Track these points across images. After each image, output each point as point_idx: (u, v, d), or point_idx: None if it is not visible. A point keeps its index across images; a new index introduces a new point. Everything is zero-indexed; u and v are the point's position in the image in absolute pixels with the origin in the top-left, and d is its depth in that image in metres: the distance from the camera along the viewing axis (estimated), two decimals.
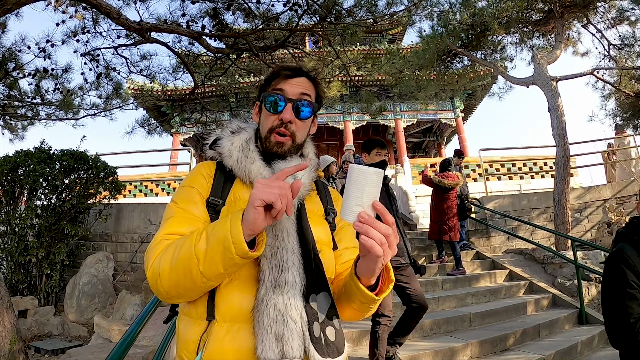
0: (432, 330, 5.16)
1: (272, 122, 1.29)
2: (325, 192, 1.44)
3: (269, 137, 1.29)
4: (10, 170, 6.96)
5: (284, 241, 1.14)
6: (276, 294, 1.08)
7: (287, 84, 1.30)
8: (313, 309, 1.11)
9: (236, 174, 1.27)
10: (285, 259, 1.12)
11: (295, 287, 1.10)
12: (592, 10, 9.53)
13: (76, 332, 6.51)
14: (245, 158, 1.27)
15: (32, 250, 6.89)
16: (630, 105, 11.87)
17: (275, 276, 1.10)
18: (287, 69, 1.33)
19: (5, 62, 7.36)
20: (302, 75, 1.34)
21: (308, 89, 1.33)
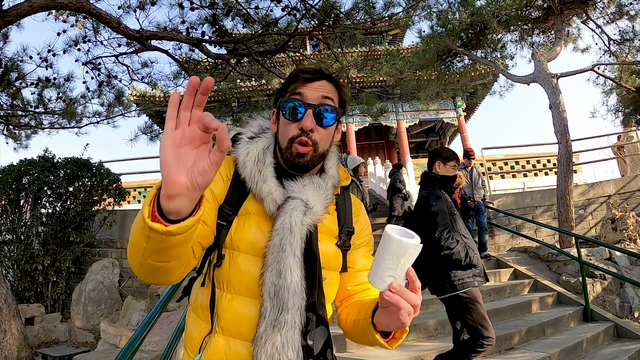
0: (436, 330, 5.16)
1: (292, 131, 1.19)
2: (346, 206, 1.35)
3: (290, 148, 1.19)
4: (15, 179, 7.01)
5: (287, 281, 1.10)
6: (275, 333, 1.06)
7: (306, 88, 1.20)
8: (310, 347, 1.10)
9: (248, 188, 1.19)
10: (286, 300, 1.09)
11: (294, 328, 1.08)
12: (591, 5, 9.52)
13: (83, 339, 6.55)
14: (258, 174, 1.19)
15: (38, 258, 6.94)
16: (631, 100, 11.84)
17: (276, 315, 1.08)
18: (306, 71, 1.22)
19: (8, 72, 7.43)
20: (323, 78, 1.23)
21: (330, 92, 1.22)
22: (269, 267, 1.11)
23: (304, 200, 1.18)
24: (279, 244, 1.12)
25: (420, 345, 4.76)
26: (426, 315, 5.58)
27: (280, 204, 1.17)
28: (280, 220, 1.14)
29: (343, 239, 1.29)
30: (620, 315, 6.15)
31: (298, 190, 1.19)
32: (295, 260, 1.12)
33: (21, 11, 4.74)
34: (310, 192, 1.20)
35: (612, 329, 5.55)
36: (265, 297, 1.10)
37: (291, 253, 1.11)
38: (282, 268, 1.10)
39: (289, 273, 1.10)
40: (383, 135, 25.25)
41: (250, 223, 1.18)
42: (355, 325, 1.17)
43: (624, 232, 7.79)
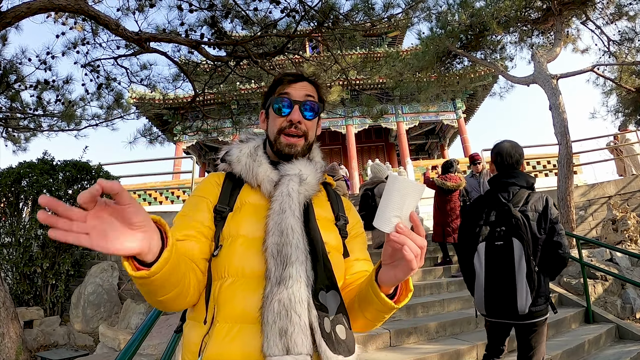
0: (437, 332, 5.13)
1: (281, 123, 1.34)
2: (337, 199, 1.45)
3: (279, 138, 1.34)
4: (14, 181, 7.00)
5: (289, 237, 1.14)
6: (280, 289, 1.07)
7: (291, 88, 1.36)
8: (323, 305, 1.10)
9: (244, 179, 1.31)
10: (289, 254, 1.11)
11: (300, 281, 1.09)
12: (590, 6, 9.51)
13: (82, 342, 6.53)
14: (253, 162, 1.32)
15: (37, 260, 6.92)
16: (631, 101, 11.85)
17: (280, 272, 1.09)
18: (289, 74, 1.39)
19: (7, 75, 7.42)
20: (304, 80, 1.40)
21: (311, 91, 1.38)
22: (270, 231, 1.16)
23: (297, 174, 1.29)
24: (278, 208, 1.20)
25: (421, 348, 4.74)
26: (427, 318, 5.56)
27: (276, 181, 1.28)
28: (278, 190, 1.24)
29: (341, 222, 1.38)
30: (621, 317, 6.12)
31: (290, 168, 1.31)
32: (295, 219, 1.19)
33: (19, 13, 4.72)
34: (301, 166, 1.33)
35: (614, 330, 5.52)
36: (269, 259, 1.12)
37: (291, 214, 1.19)
38: (284, 227, 1.16)
39: (291, 230, 1.16)
40: (383, 137, 25.22)
41: (247, 210, 1.25)
42: (358, 298, 1.19)
43: (625, 233, 7.77)
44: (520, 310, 2.81)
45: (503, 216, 2.95)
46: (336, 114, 19.45)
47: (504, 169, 3.14)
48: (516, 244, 2.84)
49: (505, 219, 2.94)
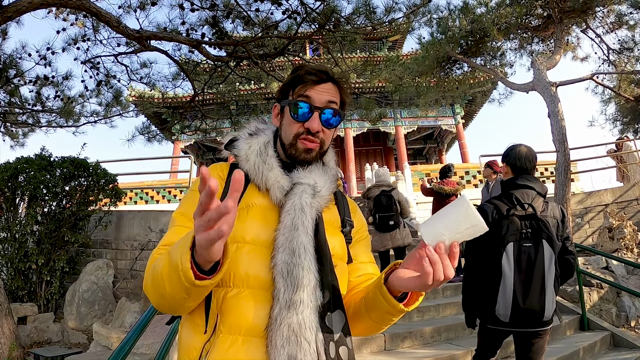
0: (432, 337, 5.13)
1: (297, 129, 1.24)
2: (343, 202, 1.39)
3: (295, 144, 1.25)
4: (11, 177, 6.96)
5: (300, 258, 1.09)
6: (290, 313, 1.03)
7: (313, 91, 1.24)
8: (329, 328, 1.07)
9: (252, 179, 1.23)
10: (301, 277, 1.07)
11: (310, 307, 1.06)
12: (591, 15, 9.55)
13: (76, 340, 6.49)
14: (263, 164, 1.23)
15: (32, 257, 6.89)
16: (630, 110, 11.90)
17: (290, 295, 1.05)
18: (313, 72, 1.25)
19: (7, 69, 7.41)
20: (329, 80, 1.28)
21: (334, 95, 1.28)
22: (280, 247, 1.10)
23: (311, 185, 1.22)
24: (291, 223, 1.13)
25: (415, 352, 4.74)
26: (422, 323, 5.56)
27: (287, 190, 1.20)
28: (290, 202, 1.17)
29: (347, 228, 1.32)
30: (617, 324, 6.13)
31: (304, 176, 1.23)
32: (308, 238, 1.13)
33: (21, 7, 4.71)
34: (316, 176, 1.26)
35: (609, 338, 5.53)
36: (277, 278, 1.08)
37: (304, 231, 1.13)
38: (296, 246, 1.10)
39: (303, 250, 1.10)
40: (381, 141, 25.26)
41: (255, 214, 1.18)
42: (365, 301, 1.15)
43: (621, 241, 7.78)
44: (545, 317, 2.73)
45: (527, 217, 2.85)
46: None
47: (521, 173, 3.06)
48: (546, 245, 2.76)
49: (530, 221, 2.84)
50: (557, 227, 2.86)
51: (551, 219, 2.86)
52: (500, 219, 2.89)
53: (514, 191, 2.97)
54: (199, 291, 0.95)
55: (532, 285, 2.74)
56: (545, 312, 2.72)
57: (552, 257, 2.74)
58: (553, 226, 2.84)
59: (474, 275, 3.02)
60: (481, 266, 2.95)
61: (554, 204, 2.96)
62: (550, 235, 2.77)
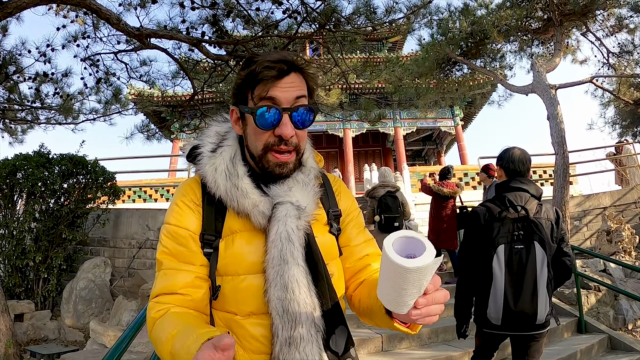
0: (429, 339, 5.13)
1: (266, 138, 1.08)
2: (327, 190, 1.26)
3: (266, 156, 1.09)
4: (9, 173, 6.95)
5: (294, 293, 1.02)
6: (291, 351, 0.99)
7: (277, 89, 1.05)
8: (335, 351, 1.05)
9: (228, 206, 1.10)
10: (298, 314, 1.01)
11: (311, 341, 1.01)
12: (591, 18, 9.55)
13: (72, 337, 6.49)
14: (235, 190, 1.09)
15: (29, 254, 6.88)
16: (629, 113, 11.92)
17: (289, 332, 1.00)
18: (270, 66, 1.04)
19: (6, 66, 7.40)
20: (291, 71, 1.08)
21: (300, 86, 1.09)
22: (272, 282, 1.03)
23: (294, 204, 1.10)
24: (278, 255, 1.04)
25: (412, 354, 4.74)
26: None
27: (269, 215, 1.08)
28: (274, 229, 1.06)
29: (333, 225, 1.22)
30: (614, 327, 6.13)
31: (284, 194, 1.11)
32: (299, 270, 1.05)
33: (21, 3, 4.71)
34: (298, 192, 1.12)
35: (606, 340, 5.53)
36: (273, 315, 1.02)
37: (294, 263, 1.04)
38: (287, 281, 1.02)
39: (296, 285, 1.03)
40: (380, 142, 25.24)
41: (241, 241, 1.09)
42: (371, 312, 1.08)
43: (619, 244, 7.79)
44: (538, 320, 2.68)
45: (519, 220, 2.81)
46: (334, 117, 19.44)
47: (514, 176, 3.04)
48: (538, 247, 2.72)
49: (522, 223, 2.80)
50: (551, 229, 2.83)
51: (545, 220, 2.83)
52: (492, 221, 2.87)
53: (507, 194, 2.96)
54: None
55: (523, 288, 2.71)
56: (537, 315, 2.68)
57: (544, 259, 2.71)
58: (547, 228, 2.81)
59: (466, 279, 2.98)
60: (473, 269, 2.92)
61: (549, 206, 2.93)
62: (542, 237, 2.74)
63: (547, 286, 2.71)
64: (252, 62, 1.08)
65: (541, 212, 2.86)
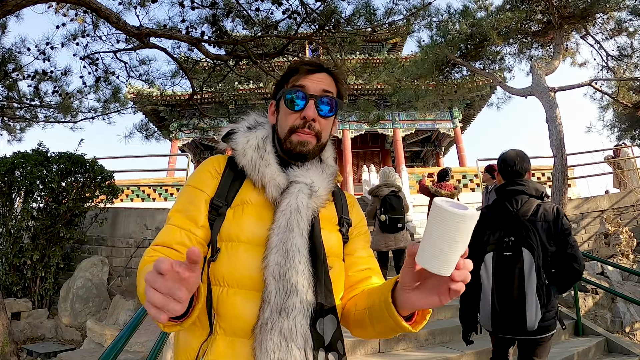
0: (427, 340, 5.13)
1: (294, 120, 1.20)
2: (341, 197, 1.35)
3: (290, 137, 1.21)
4: (7, 171, 6.94)
5: (294, 261, 1.06)
6: (282, 318, 1.01)
7: (307, 80, 1.21)
8: (320, 335, 1.04)
9: (248, 175, 1.19)
10: (295, 282, 1.04)
11: (302, 312, 1.03)
12: (590, 21, 9.57)
13: (70, 336, 6.47)
14: (260, 159, 1.19)
15: (27, 252, 6.86)
16: (628, 116, 11.93)
17: (282, 299, 1.02)
18: (308, 63, 1.23)
19: (5, 64, 7.39)
20: (323, 71, 1.25)
21: (330, 85, 1.24)
22: (273, 248, 1.07)
23: (308, 184, 1.18)
24: (285, 224, 1.10)
25: (410, 355, 4.74)
26: None
27: (284, 188, 1.17)
28: (285, 201, 1.13)
29: (345, 227, 1.28)
30: (611, 330, 6.14)
31: (301, 175, 1.20)
32: (303, 241, 1.10)
33: (21, 1, 4.70)
34: (314, 175, 1.22)
35: (603, 343, 5.53)
36: (269, 280, 1.05)
37: (299, 233, 1.10)
38: (290, 248, 1.07)
39: (297, 254, 1.07)
40: (379, 143, 25.28)
41: (250, 212, 1.15)
42: (369, 312, 1.08)
43: (617, 247, 7.80)
44: (529, 326, 2.69)
45: (511, 226, 2.85)
46: None
47: (511, 177, 3.05)
48: (526, 254, 2.74)
49: (514, 229, 2.84)
50: (548, 230, 2.79)
51: (541, 222, 2.81)
52: (484, 228, 2.90)
53: (505, 198, 2.97)
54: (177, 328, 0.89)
55: (509, 296, 2.74)
56: (527, 322, 2.69)
57: (532, 267, 2.71)
58: (543, 230, 2.79)
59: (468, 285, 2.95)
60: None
61: (548, 206, 2.89)
62: (532, 243, 2.75)
63: (537, 292, 2.69)
64: (293, 63, 1.27)
65: (538, 213, 2.83)
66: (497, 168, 3.20)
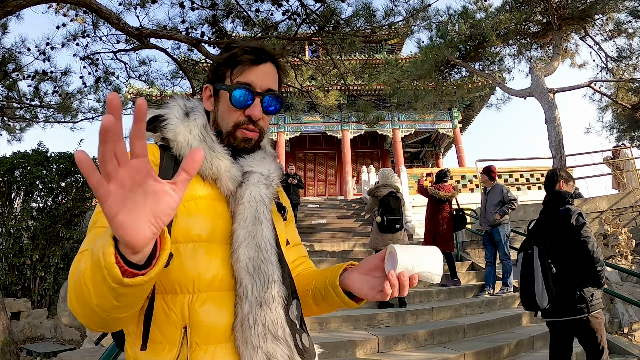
0: (425, 341, 5.13)
1: (238, 117, 1.14)
2: None
3: (234, 133, 1.14)
4: (7, 171, 6.95)
5: (267, 253, 1.03)
6: (264, 311, 0.98)
7: (253, 74, 1.14)
8: (293, 321, 1.04)
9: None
10: (271, 273, 1.02)
11: (279, 302, 1.01)
12: (589, 22, 9.60)
13: (69, 336, 6.47)
14: (211, 152, 1.10)
15: (26, 252, 6.86)
16: (627, 117, 11.95)
17: (261, 292, 0.99)
18: (251, 51, 1.14)
19: (5, 64, 7.39)
20: (268, 60, 1.17)
21: (273, 78, 1.18)
22: (242, 242, 1.01)
23: (264, 174, 1.14)
24: (253, 216, 1.05)
25: (409, 356, 4.74)
26: (415, 326, 5.56)
27: (240, 181, 1.10)
28: (247, 192, 1.07)
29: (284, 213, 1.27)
30: (609, 331, 6.14)
31: (254, 165, 1.15)
32: (270, 231, 1.07)
33: (21, 2, 4.71)
34: (265, 164, 1.18)
35: None
36: (242, 275, 0.99)
37: (267, 225, 1.07)
38: (261, 240, 1.03)
39: (269, 245, 1.04)
40: (378, 144, 25.28)
41: (205, 206, 1.06)
42: (314, 295, 1.17)
43: (616, 248, 7.81)
44: (539, 304, 3.28)
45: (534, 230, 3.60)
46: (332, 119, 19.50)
47: (545, 189, 3.75)
48: (535, 249, 3.43)
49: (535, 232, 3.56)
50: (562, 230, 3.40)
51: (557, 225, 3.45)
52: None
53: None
54: (133, 294, 0.75)
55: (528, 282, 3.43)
56: (537, 301, 3.31)
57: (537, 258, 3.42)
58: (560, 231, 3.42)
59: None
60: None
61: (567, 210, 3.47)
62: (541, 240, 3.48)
63: (544, 278, 3.30)
64: (232, 46, 1.16)
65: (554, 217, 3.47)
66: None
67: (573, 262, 3.27)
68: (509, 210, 6.75)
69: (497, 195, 6.89)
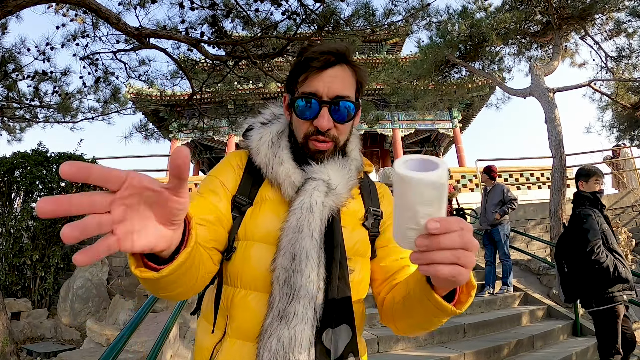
0: (425, 340, 5.13)
1: (307, 128, 1.10)
2: (370, 190, 1.25)
3: (306, 144, 1.11)
4: (7, 171, 6.96)
5: (301, 265, 0.98)
6: (281, 326, 0.94)
7: (319, 81, 1.07)
8: (325, 348, 0.97)
9: (263, 174, 1.12)
10: (298, 287, 0.97)
11: (305, 321, 0.96)
12: (589, 22, 9.59)
13: (69, 336, 6.48)
14: (273, 157, 1.11)
15: (26, 252, 6.88)
16: (627, 117, 11.94)
17: (285, 305, 0.96)
18: (317, 57, 1.07)
19: (5, 64, 7.38)
20: (337, 62, 1.09)
21: (346, 80, 1.10)
22: (282, 249, 1.00)
23: (325, 181, 1.09)
24: (295, 224, 1.02)
25: (408, 355, 4.74)
26: None
27: (299, 185, 1.08)
28: (298, 199, 1.05)
29: (370, 220, 1.18)
30: None
31: (319, 171, 1.10)
32: (313, 243, 1.01)
33: (21, 2, 4.70)
34: (332, 171, 1.12)
35: None
36: (274, 284, 0.99)
37: (308, 235, 1.01)
38: (297, 251, 0.99)
39: (304, 257, 0.99)
40: (378, 144, 25.24)
41: (266, 209, 1.09)
42: (408, 301, 0.96)
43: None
44: (560, 298, 4.01)
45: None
46: None
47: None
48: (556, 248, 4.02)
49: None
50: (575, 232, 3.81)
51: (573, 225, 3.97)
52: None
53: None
54: (154, 282, 0.73)
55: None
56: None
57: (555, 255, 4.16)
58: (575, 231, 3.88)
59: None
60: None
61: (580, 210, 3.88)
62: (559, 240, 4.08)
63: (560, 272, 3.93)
64: (303, 50, 1.12)
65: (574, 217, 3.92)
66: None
67: (580, 259, 3.67)
68: (509, 209, 6.75)
69: (498, 194, 6.89)
